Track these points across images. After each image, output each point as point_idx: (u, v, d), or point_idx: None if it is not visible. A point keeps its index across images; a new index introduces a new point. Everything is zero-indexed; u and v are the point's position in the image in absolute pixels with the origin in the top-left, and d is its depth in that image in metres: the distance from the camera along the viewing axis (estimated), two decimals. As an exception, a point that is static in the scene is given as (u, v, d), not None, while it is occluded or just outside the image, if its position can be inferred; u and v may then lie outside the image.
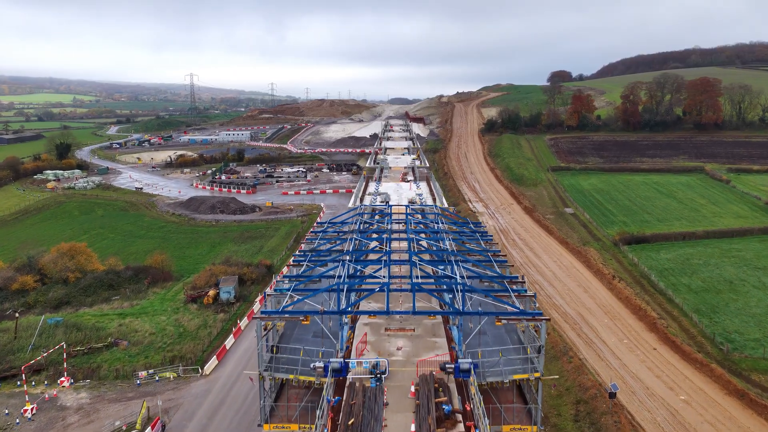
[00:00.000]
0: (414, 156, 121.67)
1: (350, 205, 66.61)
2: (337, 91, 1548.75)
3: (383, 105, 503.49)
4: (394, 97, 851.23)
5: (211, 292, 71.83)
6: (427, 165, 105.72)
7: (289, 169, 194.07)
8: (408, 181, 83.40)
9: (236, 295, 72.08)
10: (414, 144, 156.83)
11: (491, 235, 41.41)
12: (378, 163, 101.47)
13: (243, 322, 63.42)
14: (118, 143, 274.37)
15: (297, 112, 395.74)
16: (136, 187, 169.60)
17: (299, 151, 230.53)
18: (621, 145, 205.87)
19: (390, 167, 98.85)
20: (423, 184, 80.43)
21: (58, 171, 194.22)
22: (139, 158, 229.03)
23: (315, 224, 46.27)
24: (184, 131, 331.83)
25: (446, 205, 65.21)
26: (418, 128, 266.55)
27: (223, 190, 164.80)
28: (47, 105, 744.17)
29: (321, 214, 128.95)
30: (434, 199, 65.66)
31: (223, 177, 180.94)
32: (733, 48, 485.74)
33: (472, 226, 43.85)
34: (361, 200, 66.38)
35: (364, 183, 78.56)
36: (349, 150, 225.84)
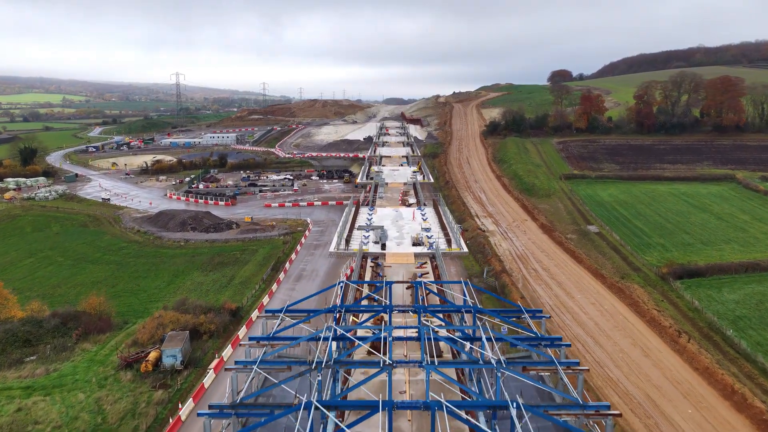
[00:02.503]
0: (414, 168, 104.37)
1: (332, 248, 49.87)
2: (331, 91, 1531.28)
3: (378, 105, 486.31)
4: (389, 97, 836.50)
5: (152, 355, 54.58)
6: (431, 180, 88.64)
7: (275, 177, 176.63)
8: (409, 205, 66.76)
9: (184, 359, 54.79)
10: (413, 151, 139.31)
11: (576, 362, 23.64)
12: (372, 178, 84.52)
13: (186, 407, 46.22)
14: (94, 147, 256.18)
15: (288, 112, 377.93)
16: (102, 198, 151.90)
17: (287, 155, 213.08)
18: (636, 149, 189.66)
19: (386, 183, 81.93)
20: (429, 211, 63.70)
21: (20, 179, 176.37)
22: (113, 164, 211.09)
23: (264, 311, 28.80)
24: (167, 133, 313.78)
25: (465, 249, 48.50)
26: (415, 130, 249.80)
27: (200, 201, 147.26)
28: (35, 105, 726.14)
29: (306, 232, 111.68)
30: (449, 240, 49.00)
31: (201, 186, 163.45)
32: (738, 46, 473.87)
33: (532, 327, 25.25)
34: (347, 241, 49.65)
35: (354, 210, 61.57)
36: (342, 154, 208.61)
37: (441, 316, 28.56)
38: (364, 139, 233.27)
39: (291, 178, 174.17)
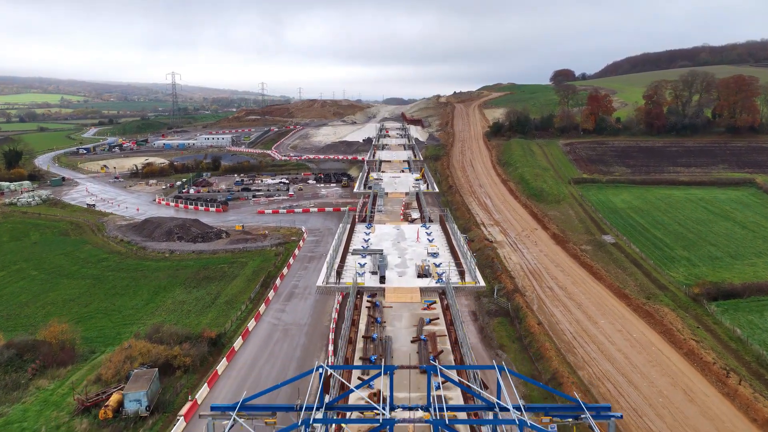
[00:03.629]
0: (417, 175, 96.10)
1: (320, 282, 41.83)
2: (331, 90, 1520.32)
3: (378, 105, 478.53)
4: (389, 97, 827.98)
5: (113, 399, 46.93)
6: (436, 189, 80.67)
7: (269, 181, 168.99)
8: (412, 221, 58.77)
9: (151, 403, 47.07)
10: (415, 155, 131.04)
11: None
12: (370, 187, 76.63)
13: (147, 469, 38.57)
14: (85, 148, 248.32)
15: (286, 113, 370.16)
16: (87, 204, 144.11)
17: (284, 158, 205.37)
18: (647, 151, 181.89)
19: (386, 193, 73.98)
20: (436, 229, 55.66)
21: (3, 182, 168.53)
22: (103, 166, 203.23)
23: (210, 408, 19.47)
24: (162, 135, 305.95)
25: (481, 282, 40.60)
26: (416, 132, 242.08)
27: (189, 207, 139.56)
28: (33, 105, 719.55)
29: (300, 242, 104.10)
30: (462, 272, 41.12)
31: (192, 191, 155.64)
32: (744, 45, 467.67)
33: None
34: (339, 273, 41.66)
35: (348, 228, 53.55)
36: (340, 157, 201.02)
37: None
38: (363, 140, 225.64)
39: (286, 182, 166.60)
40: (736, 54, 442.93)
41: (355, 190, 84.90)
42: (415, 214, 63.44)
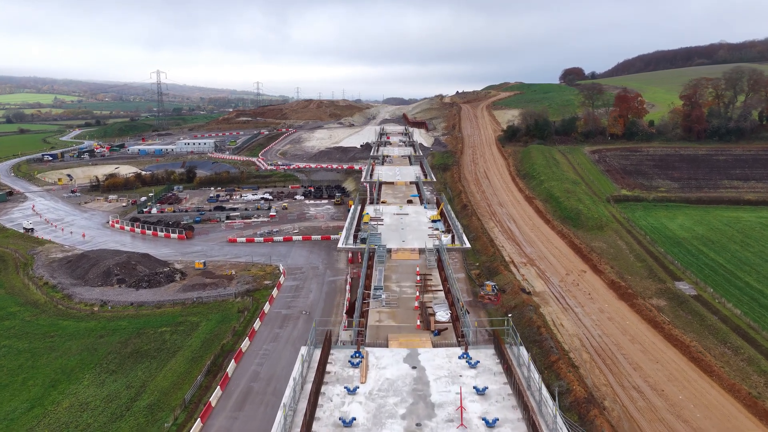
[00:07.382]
0: (433, 213, 68.07)
1: None
2: (332, 90, 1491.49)
3: (378, 106, 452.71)
4: (389, 97, 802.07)
5: None
6: (467, 244, 54.11)
7: (250, 196, 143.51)
8: (440, 332, 31.88)
9: None
10: (425, 173, 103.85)
11: None
12: (363, 239, 50.69)
13: None
14: (51, 155, 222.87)
15: (279, 114, 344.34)
16: (24, 228, 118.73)
17: (270, 166, 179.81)
18: (690, 160, 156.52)
19: (389, 251, 47.86)
20: (488, 362, 28.24)
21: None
22: (61, 177, 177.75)
23: None
24: (142, 138, 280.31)
25: None
26: (419, 135, 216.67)
27: (148, 232, 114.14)
28: (24, 105, 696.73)
29: (275, 290, 78.58)
30: None
31: (155, 209, 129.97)
32: (764, 42, 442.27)
33: None
34: None
35: (317, 362, 26.84)
36: (335, 166, 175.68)
37: None
38: (361, 146, 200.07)
39: (270, 197, 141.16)
40: (756, 51, 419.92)
41: (340, 244, 58.10)
42: (442, 313, 36.08)
